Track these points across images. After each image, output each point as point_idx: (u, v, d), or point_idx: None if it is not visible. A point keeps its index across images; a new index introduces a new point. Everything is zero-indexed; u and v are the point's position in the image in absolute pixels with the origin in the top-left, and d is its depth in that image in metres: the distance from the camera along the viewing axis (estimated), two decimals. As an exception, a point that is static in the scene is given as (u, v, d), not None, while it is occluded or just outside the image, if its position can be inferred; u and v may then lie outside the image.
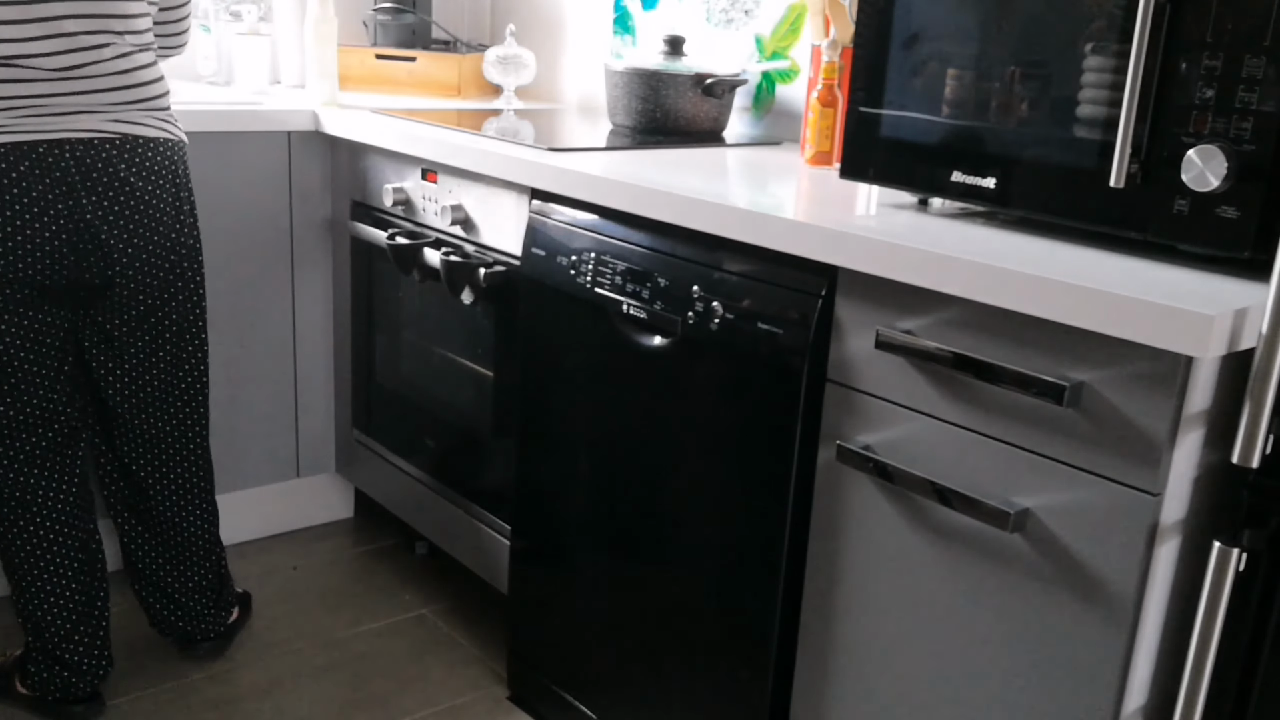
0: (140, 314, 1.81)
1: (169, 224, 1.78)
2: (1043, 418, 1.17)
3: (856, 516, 1.37)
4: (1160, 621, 1.17)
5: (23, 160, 1.63)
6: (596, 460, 1.72)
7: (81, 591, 1.85)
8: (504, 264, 1.90)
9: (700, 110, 2.13)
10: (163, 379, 1.88)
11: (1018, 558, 1.21)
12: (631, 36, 2.54)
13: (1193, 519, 1.15)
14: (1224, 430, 1.14)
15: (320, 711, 1.95)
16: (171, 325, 1.85)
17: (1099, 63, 1.20)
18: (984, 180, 1.32)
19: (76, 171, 1.65)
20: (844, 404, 1.36)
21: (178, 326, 1.86)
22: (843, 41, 1.82)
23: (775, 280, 1.42)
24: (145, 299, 1.80)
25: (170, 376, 1.88)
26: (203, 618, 2.02)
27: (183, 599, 2.00)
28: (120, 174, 1.69)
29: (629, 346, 1.63)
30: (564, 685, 1.87)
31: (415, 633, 2.20)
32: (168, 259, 1.80)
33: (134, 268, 1.76)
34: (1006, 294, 1.15)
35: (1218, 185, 1.11)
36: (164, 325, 1.84)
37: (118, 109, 1.70)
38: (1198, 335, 1.01)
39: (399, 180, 2.15)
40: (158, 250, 1.78)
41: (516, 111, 2.44)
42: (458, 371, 2.11)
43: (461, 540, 2.14)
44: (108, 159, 1.68)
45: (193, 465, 1.96)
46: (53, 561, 1.83)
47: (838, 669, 1.42)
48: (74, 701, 1.87)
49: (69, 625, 1.84)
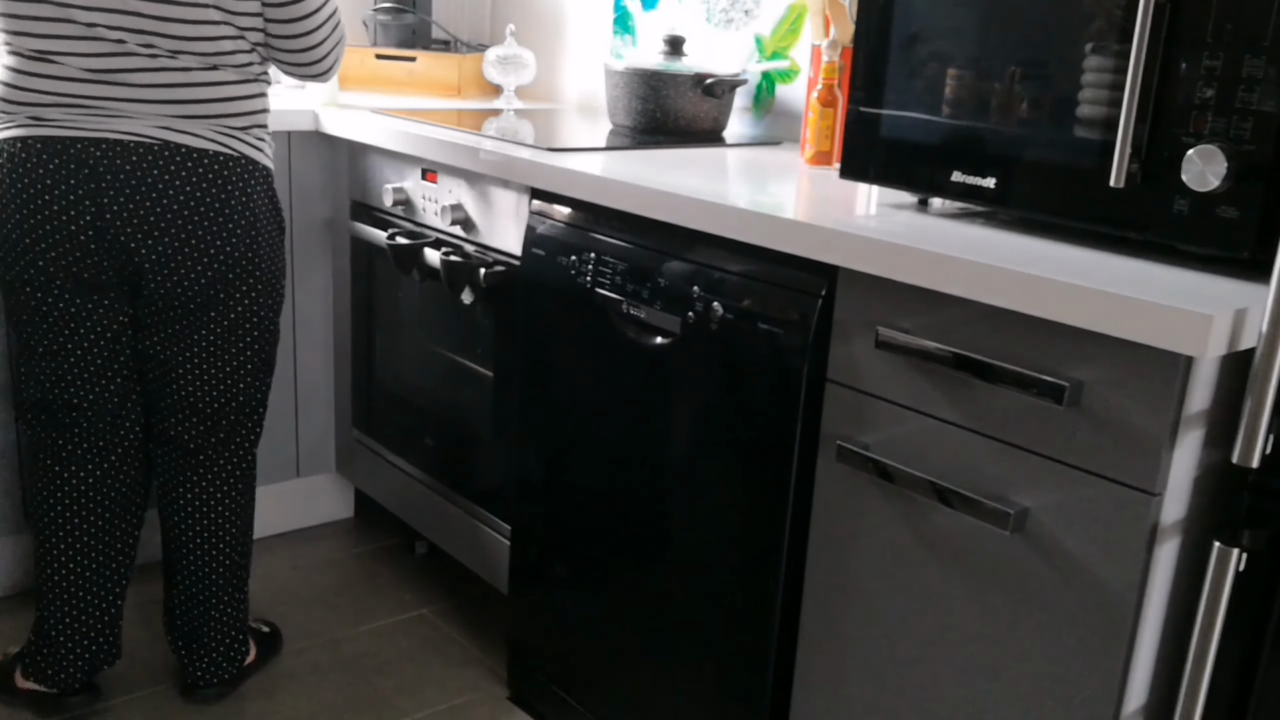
0: (172, 318, 1.78)
1: (210, 236, 1.73)
2: (1043, 418, 1.17)
3: (856, 516, 1.37)
4: (1160, 621, 1.17)
5: (56, 155, 1.65)
6: (596, 460, 1.72)
7: (93, 582, 1.85)
8: (504, 264, 1.90)
9: (700, 110, 2.13)
10: (194, 389, 1.85)
11: (1018, 558, 1.21)
12: (631, 36, 2.54)
13: (1193, 519, 1.15)
14: (1224, 430, 1.14)
15: (320, 711, 1.95)
16: (205, 339, 1.81)
17: (1099, 62, 1.20)
18: (984, 180, 1.32)
19: (106, 171, 1.66)
20: (844, 404, 1.36)
21: (212, 343, 1.82)
22: (843, 41, 1.82)
23: (775, 280, 1.42)
24: (180, 306, 1.77)
25: (202, 389, 1.85)
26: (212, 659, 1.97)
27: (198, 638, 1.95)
28: (152, 178, 1.68)
29: (629, 346, 1.63)
30: (564, 685, 1.87)
31: (415, 632, 2.20)
32: (206, 271, 1.75)
33: (161, 273, 1.73)
34: (1006, 294, 1.15)
35: (1218, 185, 1.11)
36: (196, 338, 1.81)
37: (168, 117, 1.69)
38: (1198, 335, 1.01)
39: (399, 180, 2.15)
40: (189, 259, 1.73)
41: (516, 111, 2.44)
42: (458, 371, 2.11)
43: (461, 540, 2.14)
44: (139, 162, 1.67)
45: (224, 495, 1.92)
46: (72, 546, 1.83)
47: (838, 669, 1.42)
48: (69, 692, 1.88)
49: (71, 614, 1.85)
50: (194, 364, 1.82)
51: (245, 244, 1.78)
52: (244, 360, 1.86)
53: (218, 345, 1.83)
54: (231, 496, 1.92)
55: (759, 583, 1.49)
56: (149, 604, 2.23)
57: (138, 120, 1.67)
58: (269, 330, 1.88)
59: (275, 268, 1.85)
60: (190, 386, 1.84)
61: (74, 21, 1.63)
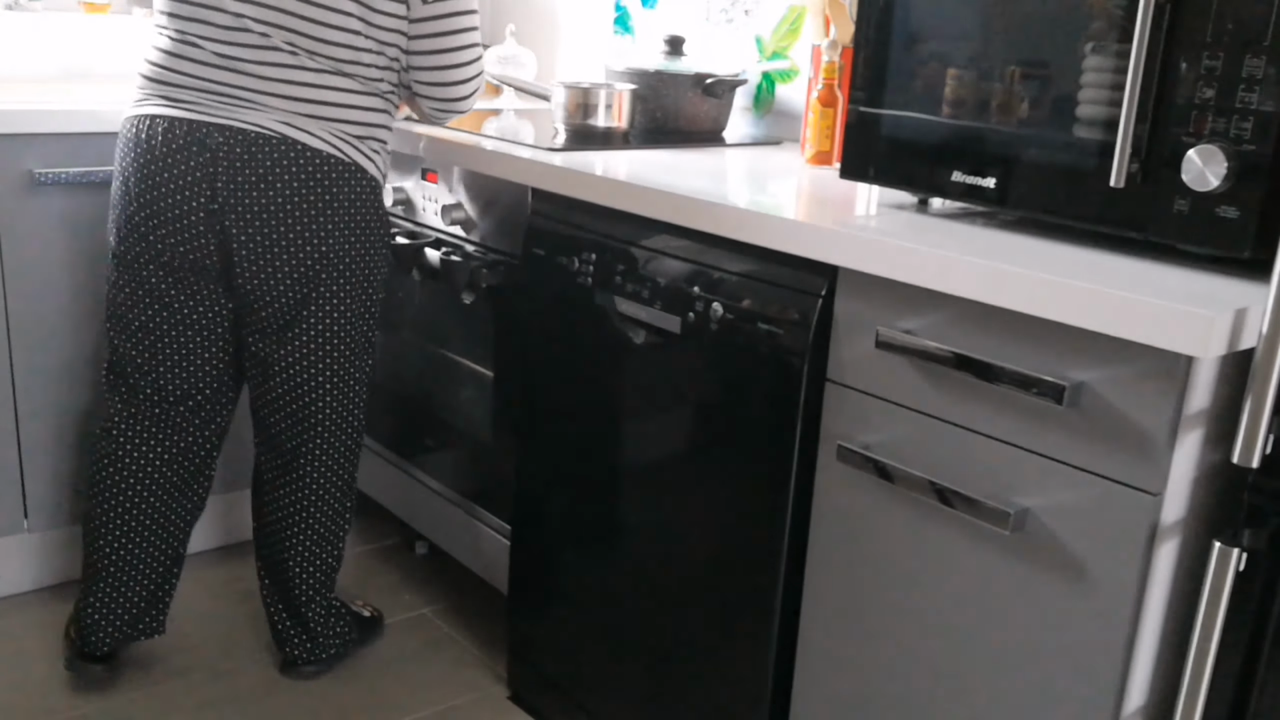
0: (269, 316, 1.79)
1: (308, 233, 1.74)
2: (1043, 418, 1.17)
3: (856, 516, 1.37)
4: (1160, 621, 1.17)
5: (181, 136, 1.69)
6: (596, 460, 1.72)
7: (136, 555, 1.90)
8: (504, 264, 1.90)
9: (700, 110, 2.13)
10: (290, 390, 1.86)
11: (1018, 558, 1.21)
12: (631, 36, 2.54)
13: (1193, 519, 1.15)
14: (1224, 430, 1.14)
15: (320, 711, 1.95)
16: (302, 339, 1.82)
17: (1099, 62, 1.20)
18: (984, 180, 1.32)
19: (225, 157, 1.69)
20: (844, 404, 1.36)
21: (307, 344, 1.82)
22: (843, 41, 1.82)
23: (775, 280, 1.42)
24: (273, 303, 1.78)
25: (296, 390, 1.86)
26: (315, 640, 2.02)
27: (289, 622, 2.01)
28: (264, 169, 1.70)
29: (629, 346, 1.63)
30: (564, 685, 1.87)
31: (415, 632, 2.20)
32: (300, 268, 1.76)
33: (254, 265, 1.74)
34: (1006, 294, 1.15)
35: (1218, 185, 1.11)
36: (291, 335, 1.81)
37: (291, 114, 1.71)
38: (1198, 335, 1.01)
39: (399, 180, 2.15)
40: (284, 253, 1.74)
41: (516, 111, 2.44)
42: (458, 371, 2.11)
43: (461, 540, 2.14)
44: (255, 152, 1.69)
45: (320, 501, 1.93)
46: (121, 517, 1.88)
47: (837, 669, 1.42)
48: (91, 657, 1.94)
49: (108, 582, 1.89)
50: (291, 365, 1.84)
51: (343, 245, 1.78)
52: (340, 366, 1.87)
53: (313, 347, 1.83)
54: (328, 503, 1.94)
55: (759, 582, 1.49)
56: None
57: (263, 112, 1.70)
58: (362, 337, 1.88)
59: (372, 275, 1.85)
60: (285, 386, 1.86)
61: (223, 10, 1.68)
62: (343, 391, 1.89)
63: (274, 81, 1.70)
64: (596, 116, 2.01)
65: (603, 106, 2.01)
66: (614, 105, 2.02)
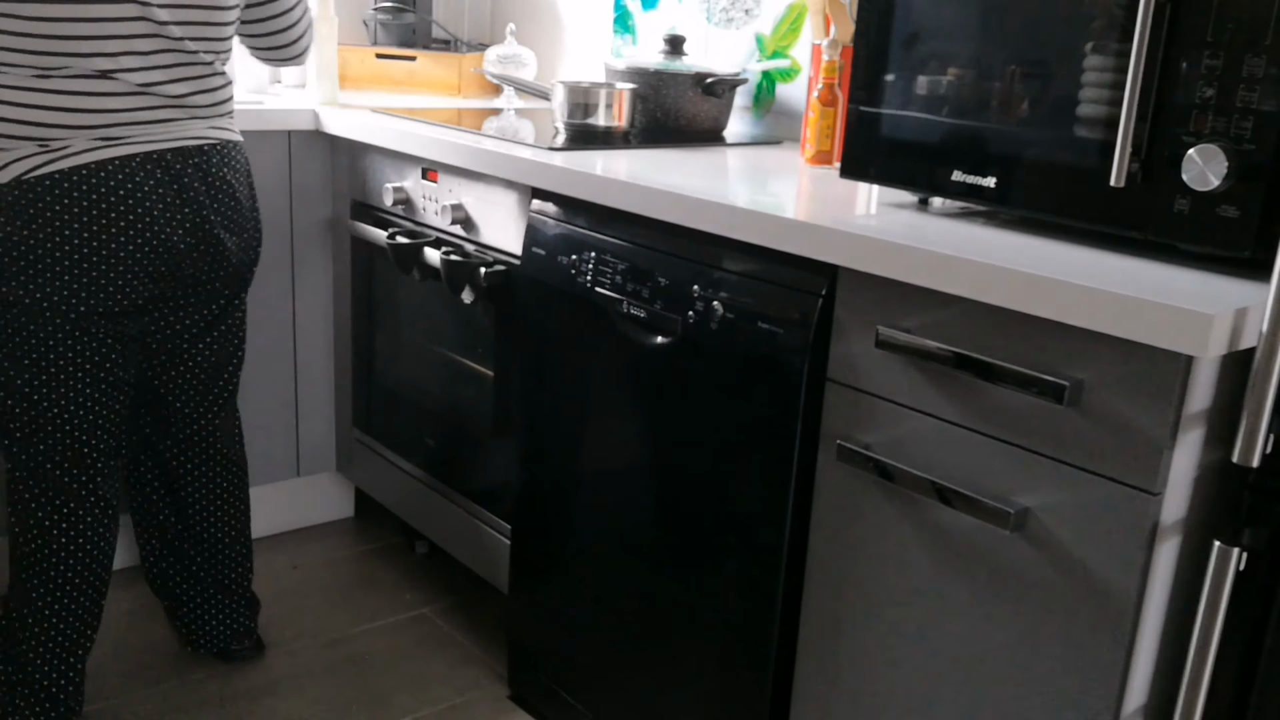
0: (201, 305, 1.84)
1: (254, 224, 1.87)
2: (1043, 417, 1.16)
3: (857, 516, 1.37)
4: (1160, 621, 1.17)
5: (155, 168, 1.68)
6: (596, 460, 1.72)
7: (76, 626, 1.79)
8: (504, 263, 1.90)
9: (700, 110, 2.13)
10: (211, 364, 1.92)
11: (1018, 557, 1.21)
12: (631, 36, 2.54)
13: (1193, 519, 1.15)
14: (1224, 430, 1.14)
15: (320, 710, 1.95)
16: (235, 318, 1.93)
17: (1099, 62, 1.20)
18: (984, 180, 1.32)
19: (197, 178, 1.72)
20: (844, 403, 1.36)
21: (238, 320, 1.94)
22: (843, 41, 1.82)
23: (775, 279, 1.42)
24: (231, 293, 1.86)
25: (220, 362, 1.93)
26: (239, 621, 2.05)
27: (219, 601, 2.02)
28: (224, 177, 1.77)
29: (629, 346, 1.63)
30: (564, 685, 1.87)
31: (415, 632, 2.20)
32: (247, 256, 1.87)
33: (239, 265, 1.84)
34: (1006, 294, 1.15)
35: (1218, 185, 1.11)
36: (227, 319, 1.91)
37: (212, 117, 1.76)
38: (1198, 335, 1.01)
39: (399, 180, 2.15)
40: (246, 247, 1.85)
41: (517, 111, 2.44)
42: (458, 371, 2.11)
43: (461, 540, 2.15)
44: (213, 163, 1.75)
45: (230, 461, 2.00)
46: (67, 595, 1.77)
47: (837, 669, 1.42)
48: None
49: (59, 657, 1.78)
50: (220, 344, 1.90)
51: (260, 227, 1.90)
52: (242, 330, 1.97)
53: (240, 321, 1.94)
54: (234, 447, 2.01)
55: (759, 582, 1.49)
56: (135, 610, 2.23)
57: (199, 121, 1.74)
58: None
59: None
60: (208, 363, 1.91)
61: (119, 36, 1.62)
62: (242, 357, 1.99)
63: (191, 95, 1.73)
64: (597, 116, 2.01)
65: (603, 106, 2.01)
66: (614, 105, 2.02)
